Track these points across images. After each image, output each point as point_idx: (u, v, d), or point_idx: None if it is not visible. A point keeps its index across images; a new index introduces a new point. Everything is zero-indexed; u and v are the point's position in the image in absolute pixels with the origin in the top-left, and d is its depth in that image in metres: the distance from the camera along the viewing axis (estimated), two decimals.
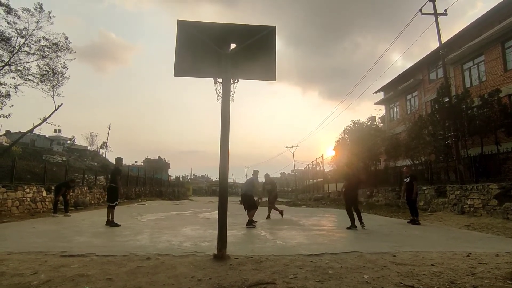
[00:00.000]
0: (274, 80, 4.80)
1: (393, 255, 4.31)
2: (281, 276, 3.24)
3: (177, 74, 4.63)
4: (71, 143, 48.57)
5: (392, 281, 3.09)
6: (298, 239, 5.90)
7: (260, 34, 4.75)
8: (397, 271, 3.47)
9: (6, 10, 11.88)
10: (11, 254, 4.11)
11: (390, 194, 15.09)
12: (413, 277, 3.23)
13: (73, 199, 13.60)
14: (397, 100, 24.45)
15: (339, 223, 9.26)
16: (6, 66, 12.22)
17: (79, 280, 3.03)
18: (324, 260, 4.04)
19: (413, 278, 3.19)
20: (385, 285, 2.97)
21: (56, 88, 13.77)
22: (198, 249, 4.67)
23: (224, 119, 4.50)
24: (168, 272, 3.36)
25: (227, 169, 4.49)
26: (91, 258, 3.99)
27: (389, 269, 3.57)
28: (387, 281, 3.08)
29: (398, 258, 4.17)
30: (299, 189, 44.71)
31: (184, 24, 4.75)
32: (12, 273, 3.22)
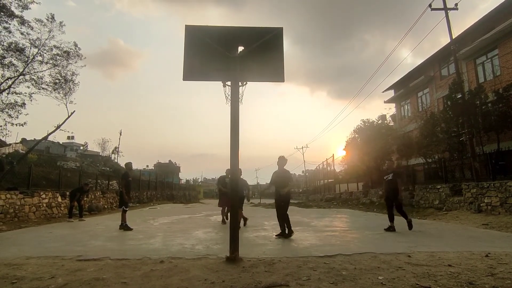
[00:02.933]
0: (283, 82, 4.81)
1: (408, 256, 4.23)
2: (294, 278, 3.22)
3: (186, 78, 4.68)
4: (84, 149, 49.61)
5: (408, 282, 3.03)
6: (310, 240, 5.85)
7: (268, 36, 4.76)
8: (412, 272, 3.40)
9: (20, 22, 12.22)
10: (30, 259, 4.22)
11: (403, 194, 14.80)
12: (429, 278, 3.16)
13: (87, 204, 13.86)
14: (408, 97, 24.05)
15: (351, 223, 9.16)
16: (21, 76, 12.56)
17: (95, 283, 3.08)
18: (337, 261, 4.00)
19: (429, 279, 3.12)
20: (401, 286, 2.92)
21: (68, 96, 14.08)
22: (211, 252, 4.69)
23: (234, 121, 4.52)
24: (182, 275, 3.38)
25: (237, 171, 4.50)
26: (106, 261, 4.05)
27: (404, 270, 3.50)
28: (403, 282, 3.02)
29: (413, 258, 4.09)
30: (310, 190, 44.43)
31: (191, 28, 4.80)
32: (31, 277, 3.30)
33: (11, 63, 12.36)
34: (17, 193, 9.77)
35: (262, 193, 53.54)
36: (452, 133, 13.39)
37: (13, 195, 9.43)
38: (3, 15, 11.71)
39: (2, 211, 8.89)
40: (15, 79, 12.41)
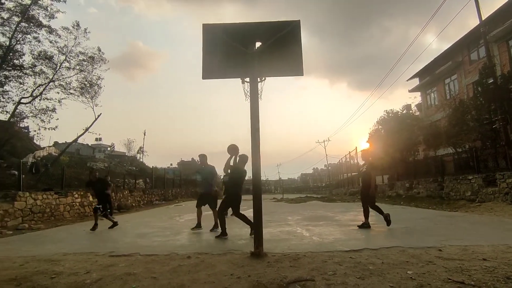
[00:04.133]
0: (302, 75, 4.74)
1: (438, 250, 4.08)
2: (320, 273, 3.19)
3: (205, 77, 4.73)
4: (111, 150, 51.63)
5: (439, 277, 2.93)
6: (335, 235, 5.79)
7: (285, 30, 4.70)
8: (444, 266, 3.28)
9: (48, 31, 12.88)
10: (66, 255, 4.47)
11: (432, 185, 14.27)
12: (462, 273, 3.03)
13: (116, 203, 14.44)
14: (434, 85, 22.98)
15: (377, 217, 8.93)
16: (51, 82, 13.27)
17: (127, 278, 3.21)
18: (363, 256, 3.92)
19: (462, 274, 2.99)
20: (432, 281, 2.82)
21: (94, 99, 14.72)
22: (236, 247, 4.76)
23: (254, 117, 4.52)
24: (208, 270, 3.45)
25: (259, 167, 4.51)
26: (136, 257, 4.22)
27: (435, 264, 3.38)
28: (434, 277, 2.92)
29: (444, 252, 3.94)
30: (333, 184, 43.80)
31: (208, 27, 4.83)
32: (68, 272, 3.50)
33: (42, 71, 13.08)
34: (52, 193, 10.35)
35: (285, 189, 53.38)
36: (484, 121, 12.68)
37: (49, 195, 10.01)
38: (33, 25, 12.36)
39: (40, 210, 9.46)
40: (45, 85, 13.14)
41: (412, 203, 13.34)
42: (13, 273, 3.54)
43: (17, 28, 11.85)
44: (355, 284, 2.83)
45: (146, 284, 3.01)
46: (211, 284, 2.98)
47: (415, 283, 2.79)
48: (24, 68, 12.48)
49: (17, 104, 12.40)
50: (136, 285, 2.99)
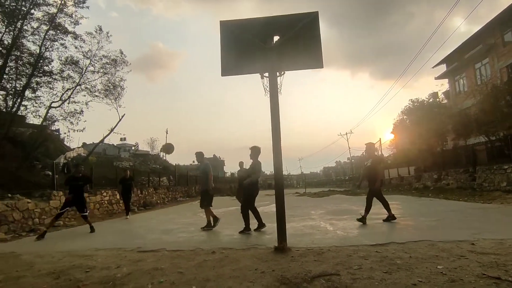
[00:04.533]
0: (322, 68, 4.65)
1: (471, 244, 3.89)
2: (345, 267, 3.15)
3: (224, 73, 4.75)
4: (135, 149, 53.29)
5: (473, 272, 2.80)
6: (359, 229, 5.68)
7: (303, 22, 4.62)
8: (477, 261, 3.13)
9: (74, 37, 13.42)
10: (98, 250, 4.69)
11: (463, 176, 13.62)
12: (498, 268, 2.87)
13: (142, 200, 14.95)
14: (463, 70, 21.74)
15: (404, 210, 8.67)
16: (78, 86, 13.85)
17: (154, 273, 3.33)
18: (390, 250, 3.82)
19: (498, 269, 2.84)
20: (464, 276, 2.70)
21: (118, 100, 15.22)
22: (259, 242, 4.79)
23: (274, 112, 4.50)
24: (233, 265, 3.50)
25: (281, 162, 4.50)
26: (163, 253, 4.35)
27: (468, 258, 3.23)
28: (467, 272, 2.79)
29: (477, 246, 3.75)
30: (357, 177, 42.88)
31: (226, 24, 4.84)
32: (101, 267, 3.68)
33: (69, 75, 13.67)
34: None
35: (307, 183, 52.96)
36: None
37: None
38: (59, 32, 12.93)
39: (72, 209, 9.96)
40: (73, 89, 13.72)
41: (440, 195, 12.81)
42: (52, 267, 3.77)
43: (46, 36, 12.45)
44: (381, 278, 2.76)
45: (173, 278, 3.10)
46: (236, 278, 3.02)
47: (446, 278, 2.68)
48: (53, 73, 13.13)
49: (48, 108, 13.06)
50: (164, 279, 3.09)
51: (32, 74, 12.16)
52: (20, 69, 12.26)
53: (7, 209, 7.28)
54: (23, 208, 7.91)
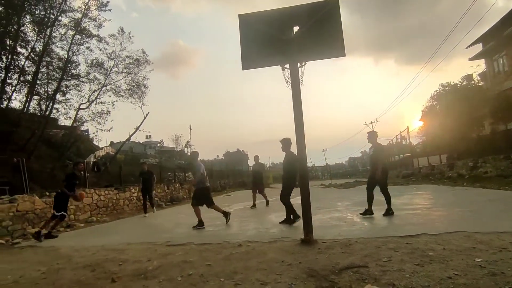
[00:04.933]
0: (344, 56, 4.50)
1: None
2: (374, 259, 3.06)
3: (245, 67, 4.72)
4: (160, 146, 54.92)
5: None
6: (388, 220, 5.51)
7: (323, 11, 4.47)
8: None
9: (98, 40, 13.95)
10: (130, 245, 4.88)
11: (503, 163, 12.74)
12: None
13: (169, 195, 15.38)
14: (502, 49, 19.92)
15: (436, 200, 8.29)
16: (104, 87, 14.41)
17: (184, 266, 3.41)
18: (421, 241, 3.66)
19: None
20: (507, 269, 2.52)
21: (142, 99, 15.69)
22: (285, 235, 4.77)
23: (296, 104, 4.43)
24: (259, 258, 3.51)
25: (305, 153, 4.43)
26: (191, 246, 4.45)
27: (510, 251, 3.02)
28: (509, 265, 2.61)
29: None
30: None
31: (244, 17, 4.79)
32: (133, 260, 3.83)
33: (95, 77, 14.26)
34: (112, 189, 11.35)
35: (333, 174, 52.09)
36: None
37: (110, 191, 11.00)
38: (85, 36, 13.48)
39: (104, 205, 10.46)
40: (99, 90, 14.31)
41: (477, 184, 12.11)
42: (88, 260, 3.98)
43: (72, 41, 13.04)
44: (413, 271, 2.65)
45: (201, 271, 3.16)
46: (263, 271, 3.02)
47: (486, 271, 2.52)
48: (81, 76, 13.76)
49: (78, 110, 13.75)
50: (193, 271, 3.15)
51: (62, 78, 12.80)
52: (50, 74, 12.95)
53: (46, 206, 7.76)
54: None
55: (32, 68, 12.51)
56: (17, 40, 11.91)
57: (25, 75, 12.51)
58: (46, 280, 3.27)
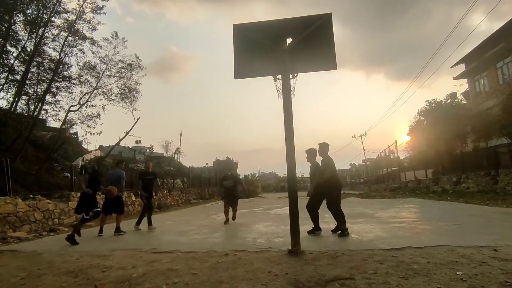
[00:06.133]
0: (335, 69, 4.61)
1: (493, 249, 3.74)
2: (360, 272, 3.09)
3: (237, 76, 4.79)
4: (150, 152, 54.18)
5: (496, 279, 2.68)
6: (375, 232, 5.56)
7: (316, 24, 4.60)
8: (500, 268, 3.00)
9: (91, 42, 13.87)
10: (114, 251, 4.79)
11: (484, 180, 13.13)
12: None
13: (157, 202, 15.17)
14: (484, 70, 20.96)
15: (421, 214, 8.45)
16: (95, 90, 14.26)
17: (169, 274, 3.36)
18: (406, 254, 3.72)
19: None
20: (486, 283, 2.59)
21: (133, 103, 15.57)
22: (272, 245, 4.76)
23: (287, 115, 4.49)
24: (246, 267, 3.50)
25: (294, 164, 4.47)
26: (177, 254, 4.39)
27: (490, 265, 3.11)
28: (489, 279, 2.69)
29: (500, 252, 3.60)
30: (372, 180, 42.19)
31: (239, 27, 4.88)
32: (117, 267, 3.75)
33: (87, 80, 14.11)
34: (99, 193, 11.14)
35: None
36: None
37: (97, 195, 10.76)
38: (78, 38, 13.38)
39: None
40: (90, 93, 14.14)
41: (460, 199, 12.40)
42: (70, 266, 3.88)
43: (65, 42, 12.92)
44: (398, 284, 2.69)
45: (187, 279, 3.13)
46: (249, 281, 3.01)
47: (467, 285, 2.59)
48: (72, 78, 13.58)
49: (67, 112, 13.51)
50: (178, 280, 3.12)
51: (53, 79, 12.61)
52: (41, 75, 12.76)
53: (29, 209, 7.56)
54: (44, 208, 8.19)
55: (22, 67, 12.32)
56: (7, 38, 11.73)
57: (14, 74, 12.29)
58: (26, 286, 3.17)
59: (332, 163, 5.69)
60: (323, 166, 5.67)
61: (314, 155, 5.92)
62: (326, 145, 5.81)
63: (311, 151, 5.95)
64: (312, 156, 5.94)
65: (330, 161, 5.69)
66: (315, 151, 5.90)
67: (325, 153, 5.78)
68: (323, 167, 5.67)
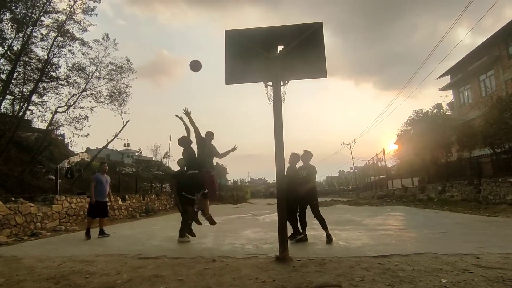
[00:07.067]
0: (325, 77, 4.69)
1: (476, 257, 3.83)
2: (347, 279, 3.10)
3: (228, 82, 4.80)
4: (138, 155, 53.45)
5: (477, 286, 2.74)
6: (362, 239, 5.61)
7: (307, 33, 4.68)
8: (482, 275, 3.07)
9: (81, 43, 13.68)
10: (99, 256, 4.67)
11: (467, 188, 13.45)
12: (504, 283, 2.82)
13: (144, 206, 14.92)
14: (467, 82, 21.70)
15: (408, 222, 8.58)
16: (83, 92, 14.03)
17: (154, 280, 3.30)
18: (393, 262, 3.77)
19: (504, 284, 2.79)
20: None
21: (123, 106, 15.38)
22: (260, 251, 4.74)
23: (277, 121, 4.52)
24: (233, 274, 3.47)
25: (283, 170, 4.49)
26: (163, 260, 4.32)
27: (472, 272, 3.17)
28: (471, 286, 2.74)
29: (482, 260, 3.69)
30: (360, 187, 42.65)
31: (231, 33, 4.92)
32: (101, 273, 3.66)
33: (75, 81, 13.87)
34: (85, 197, 10.88)
35: None
36: None
37: (82, 199, 10.52)
38: (68, 39, 13.18)
39: (74, 213, 9.97)
40: (78, 95, 13.90)
41: (445, 207, 12.65)
42: (52, 272, 3.76)
43: (54, 43, 12.69)
44: None
45: (173, 286, 3.08)
46: (236, 287, 2.99)
47: None
48: (60, 79, 13.32)
49: (54, 113, 13.21)
50: (164, 286, 3.06)
51: (40, 80, 12.34)
52: (28, 74, 12.47)
53: (10, 212, 7.31)
54: (25, 212, 7.93)
55: (8, 66, 12.02)
56: None
57: None
58: None
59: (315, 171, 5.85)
60: (309, 174, 5.70)
61: (297, 160, 5.96)
62: (310, 154, 5.90)
63: (295, 155, 5.96)
64: (296, 160, 5.96)
65: (315, 169, 5.83)
66: (299, 156, 5.94)
67: (307, 161, 5.88)
68: (309, 175, 5.69)
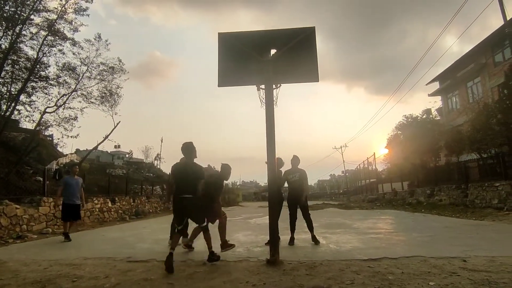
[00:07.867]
0: (317, 81, 4.74)
1: (463, 260, 3.90)
2: (337, 282, 3.12)
3: (221, 84, 4.81)
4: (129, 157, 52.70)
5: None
6: (353, 243, 5.65)
7: (300, 37, 4.73)
8: (469, 278, 3.13)
9: (72, 43, 13.47)
10: (87, 259, 4.59)
11: (455, 192, 13.71)
12: (489, 285, 2.87)
13: (134, 209, 14.73)
14: (455, 89, 22.20)
15: (397, 225, 8.68)
16: (74, 92, 13.80)
17: (144, 284, 3.26)
18: (382, 265, 3.80)
19: (489, 287, 2.84)
20: None
21: (114, 107, 15.18)
22: (251, 255, 4.73)
23: (269, 124, 4.54)
24: (224, 277, 3.45)
25: (275, 174, 4.50)
26: (153, 263, 4.27)
27: (459, 275, 3.23)
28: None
29: (469, 263, 3.75)
30: (351, 191, 43.03)
31: (224, 36, 4.93)
32: (89, 276, 3.59)
33: (65, 81, 13.63)
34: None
35: None
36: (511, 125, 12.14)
37: None
38: (58, 38, 12.97)
39: None
40: (68, 95, 13.65)
41: (433, 211, 12.86)
42: (38, 275, 3.67)
43: (44, 42, 12.46)
44: None
45: None
46: None
47: None
48: (50, 79, 13.07)
49: (43, 113, 12.93)
50: None
51: (28, 79, 12.09)
52: (16, 74, 12.20)
53: None
54: (11, 214, 7.74)
55: None
56: None
57: None
58: None
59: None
60: (302, 178, 5.82)
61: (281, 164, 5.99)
62: (298, 158, 6.02)
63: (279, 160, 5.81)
64: (280, 165, 5.90)
65: (306, 173, 5.94)
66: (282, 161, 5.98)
67: (296, 165, 5.98)
68: (303, 178, 5.82)
